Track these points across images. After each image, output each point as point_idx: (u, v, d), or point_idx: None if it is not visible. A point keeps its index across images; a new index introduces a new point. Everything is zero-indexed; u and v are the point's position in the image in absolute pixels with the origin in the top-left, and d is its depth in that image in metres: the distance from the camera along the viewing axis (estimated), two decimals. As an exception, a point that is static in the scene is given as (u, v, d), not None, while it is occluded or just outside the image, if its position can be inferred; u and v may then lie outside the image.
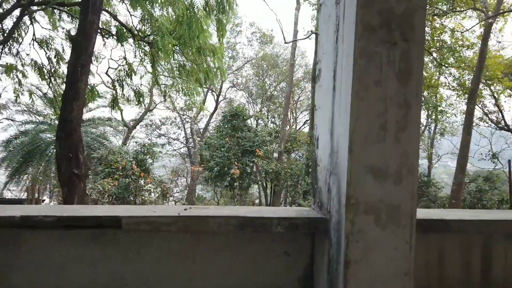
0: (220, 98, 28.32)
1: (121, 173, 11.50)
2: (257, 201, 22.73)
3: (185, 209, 1.90)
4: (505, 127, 23.14)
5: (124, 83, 11.39)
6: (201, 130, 27.42)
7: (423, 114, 21.74)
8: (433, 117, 21.60)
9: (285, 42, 21.76)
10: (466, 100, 16.65)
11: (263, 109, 28.02)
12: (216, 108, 27.61)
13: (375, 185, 1.76)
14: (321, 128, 2.16)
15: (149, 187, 12.07)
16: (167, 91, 13.63)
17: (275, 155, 19.32)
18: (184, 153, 27.29)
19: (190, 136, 25.94)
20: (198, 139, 24.12)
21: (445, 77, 20.91)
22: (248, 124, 18.85)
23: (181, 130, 27.84)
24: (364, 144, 1.77)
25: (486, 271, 2.28)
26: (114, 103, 11.54)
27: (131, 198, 11.57)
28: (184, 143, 27.62)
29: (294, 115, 29.39)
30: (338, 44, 1.98)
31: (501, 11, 14.75)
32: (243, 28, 28.13)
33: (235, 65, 28.14)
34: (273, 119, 26.96)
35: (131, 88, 11.74)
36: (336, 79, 1.98)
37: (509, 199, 14.53)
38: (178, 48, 9.57)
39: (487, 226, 2.09)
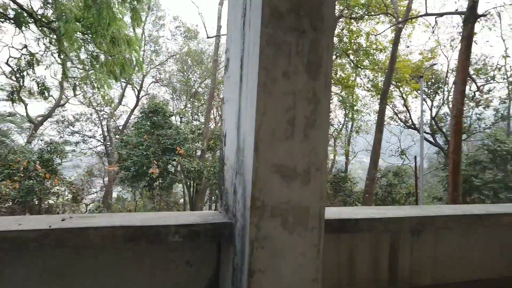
0: (142, 93, 27.03)
1: (22, 175, 10.24)
2: (181, 200, 22.13)
3: (63, 219, 1.58)
4: (412, 126, 25.41)
5: (25, 73, 10.14)
6: (120, 127, 25.89)
7: (341, 113, 22.97)
8: (350, 116, 22.93)
9: (208, 37, 21.50)
10: (378, 101, 17.91)
11: (187, 106, 27.34)
12: (137, 104, 26.26)
13: (282, 185, 1.62)
14: (228, 124, 1.97)
15: (57, 189, 10.94)
16: (77, 84, 12.50)
17: (199, 153, 18.95)
18: (102, 151, 25.53)
19: (108, 134, 24.34)
20: (117, 136, 22.72)
21: (361, 79, 22.35)
22: (171, 121, 18.16)
23: (98, 127, 25.99)
24: (271, 141, 1.61)
25: (393, 268, 2.29)
26: (14, 96, 10.23)
27: (36, 202, 10.39)
28: (102, 141, 25.84)
29: (218, 112, 29.18)
30: (245, 30, 1.81)
31: (409, 17, 16.08)
32: (166, 22, 27.15)
33: (158, 59, 27.06)
34: (196, 116, 26.44)
35: (34, 79, 10.50)
36: (243, 69, 1.80)
37: (415, 191, 15.97)
38: (89, 37, 8.76)
39: (394, 223, 2.08)
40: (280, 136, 1.63)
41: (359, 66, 18.72)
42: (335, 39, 18.22)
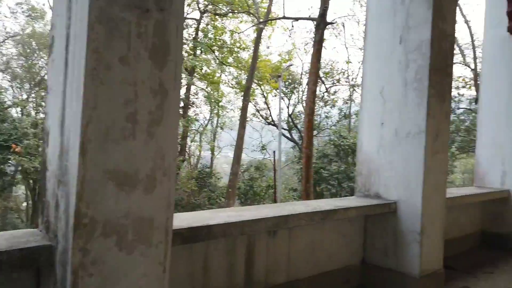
0: (-32, 78, 22.30)
1: None
2: (24, 204, 19.12)
3: None
4: (272, 122, 27.12)
5: None
6: None
7: (207, 109, 23.07)
8: (215, 111, 23.23)
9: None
10: (242, 97, 18.54)
11: (31, 95, 23.66)
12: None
13: (119, 195, 1.33)
14: (52, 119, 1.56)
15: None
16: None
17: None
18: None
19: None
20: None
21: (226, 75, 22.82)
22: (6, 113, 15.29)
23: None
24: (104, 142, 1.30)
25: (249, 271, 2.21)
26: None
27: None
28: None
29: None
30: (72, 2, 1.43)
31: (269, 19, 17.03)
32: (3, -5, 22.92)
33: (-10, 39, 22.63)
34: (42, 108, 23.07)
35: None
36: (69, 51, 1.43)
37: (274, 184, 17.09)
38: None
39: (250, 226, 1.98)
40: (117, 136, 1.33)
41: (223, 63, 19.07)
42: (200, 34, 18.19)
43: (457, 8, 4.01)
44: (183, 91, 19.39)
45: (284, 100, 26.98)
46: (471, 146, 20.97)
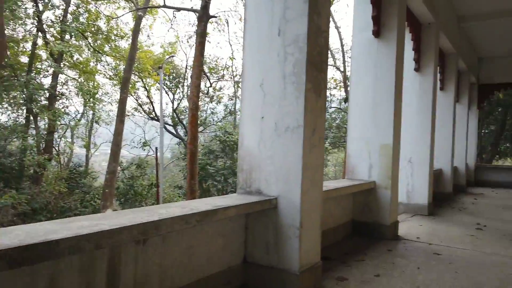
0: None
1: None
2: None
3: None
4: (156, 118, 26.04)
5: None
6: None
7: (80, 101, 20.90)
8: (90, 104, 21.19)
9: None
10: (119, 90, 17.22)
11: None
12: None
13: None
14: None
15: None
16: None
17: None
18: None
19: None
20: None
21: (102, 65, 20.95)
22: None
23: None
24: None
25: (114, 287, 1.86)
26: None
27: None
28: None
29: None
30: None
31: (148, 6, 16.07)
32: None
33: None
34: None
35: None
36: None
37: (156, 182, 16.32)
38: None
39: (109, 237, 1.64)
40: None
41: (98, 51, 17.39)
42: (69, 16, 16.23)
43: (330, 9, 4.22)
44: (48, 80, 17.14)
45: (168, 94, 26.16)
46: (341, 142, 23.34)
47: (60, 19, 16.71)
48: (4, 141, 15.74)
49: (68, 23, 15.73)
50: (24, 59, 17.75)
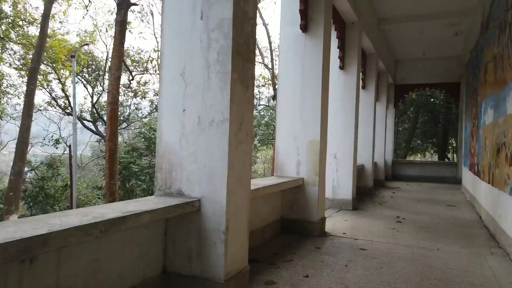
0: None
1: None
2: None
3: None
4: (71, 113, 24.00)
5: None
6: None
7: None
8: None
9: None
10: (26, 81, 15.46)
11: None
12: None
13: None
14: None
15: None
16: None
17: None
18: None
19: None
20: None
21: (8, 54, 18.67)
22: None
23: None
24: None
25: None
26: None
27: None
28: None
29: None
30: None
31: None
32: None
33: None
34: None
35: None
36: None
37: (70, 183, 14.92)
38: None
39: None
40: None
41: (3, 37, 15.42)
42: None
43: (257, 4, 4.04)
44: None
45: (87, 88, 24.27)
46: (270, 139, 23.63)
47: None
48: None
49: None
50: None
